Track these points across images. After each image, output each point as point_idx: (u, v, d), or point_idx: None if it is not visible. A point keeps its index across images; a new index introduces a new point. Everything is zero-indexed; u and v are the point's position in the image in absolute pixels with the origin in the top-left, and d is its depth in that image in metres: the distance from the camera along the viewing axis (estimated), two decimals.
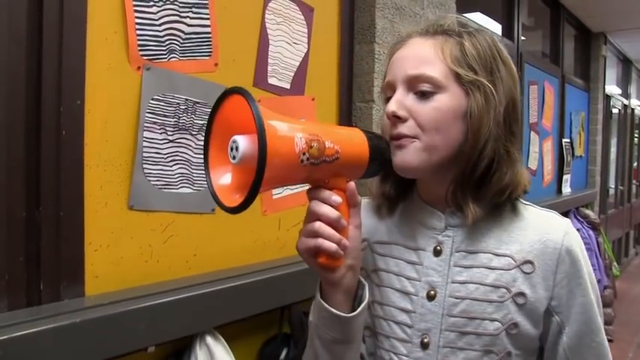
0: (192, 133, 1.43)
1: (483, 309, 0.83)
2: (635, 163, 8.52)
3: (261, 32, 1.64)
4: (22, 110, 1.13)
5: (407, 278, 0.89)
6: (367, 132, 0.82)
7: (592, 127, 5.61)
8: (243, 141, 0.66)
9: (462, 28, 0.86)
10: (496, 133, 0.82)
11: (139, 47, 1.31)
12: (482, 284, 0.84)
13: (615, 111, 7.01)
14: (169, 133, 1.38)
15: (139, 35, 1.31)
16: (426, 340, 0.85)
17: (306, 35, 1.80)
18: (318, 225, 0.76)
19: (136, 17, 1.30)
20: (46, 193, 1.15)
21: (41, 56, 1.14)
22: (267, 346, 1.62)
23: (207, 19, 1.46)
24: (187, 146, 1.42)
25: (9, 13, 1.10)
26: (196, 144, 1.44)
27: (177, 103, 1.39)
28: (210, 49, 1.48)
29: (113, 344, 1.14)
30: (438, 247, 0.88)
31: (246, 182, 0.66)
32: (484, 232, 0.87)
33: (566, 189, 4.71)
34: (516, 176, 0.85)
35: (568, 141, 4.78)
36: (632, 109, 8.05)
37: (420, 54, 0.84)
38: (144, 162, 1.32)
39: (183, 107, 1.40)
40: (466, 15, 3.28)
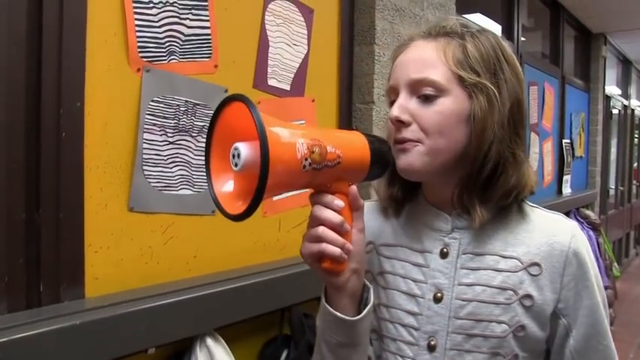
0: (193, 134, 1.43)
1: (490, 311, 0.83)
2: (635, 164, 8.52)
3: (260, 34, 1.64)
4: (22, 112, 1.13)
5: (413, 280, 0.89)
6: (368, 135, 0.82)
7: (592, 127, 5.61)
8: (244, 148, 0.66)
9: (465, 29, 0.86)
10: (500, 136, 0.82)
11: (139, 49, 1.31)
12: (489, 286, 0.83)
13: (615, 111, 7.01)
14: (169, 134, 1.38)
15: (138, 37, 1.31)
16: (432, 342, 0.85)
17: (306, 37, 1.80)
18: (321, 230, 0.75)
19: (136, 19, 1.30)
20: (46, 194, 1.15)
21: (41, 58, 1.14)
22: (267, 347, 1.62)
23: (207, 20, 1.46)
24: (187, 148, 1.42)
25: (9, 15, 1.10)
26: (196, 146, 1.44)
27: (177, 105, 1.39)
28: (210, 50, 1.48)
29: (113, 346, 1.14)
30: (445, 250, 0.87)
31: (249, 189, 0.65)
32: (491, 234, 0.86)
33: (567, 189, 4.71)
34: (522, 178, 0.84)
35: (568, 142, 4.78)
36: (632, 110, 8.06)
37: (422, 57, 0.84)
38: (144, 164, 1.32)
39: (183, 109, 1.40)
40: (466, 16, 3.28)
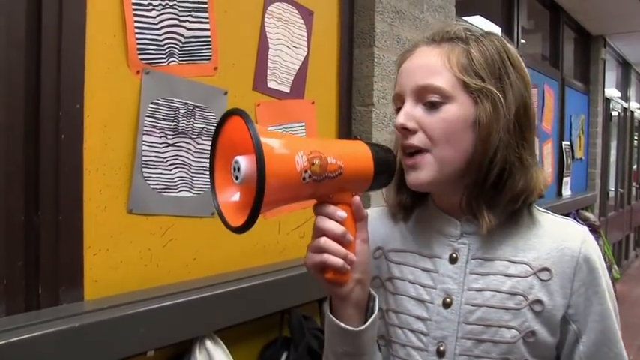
0: (192, 137, 1.43)
1: (500, 316, 0.82)
2: (634, 166, 8.52)
3: (260, 36, 1.64)
4: (21, 114, 1.13)
5: (422, 286, 0.88)
6: (372, 145, 0.82)
7: (592, 130, 5.62)
8: (244, 162, 0.67)
9: (469, 34, 0.85)
10: (506, 140, 0.81)
11: (139, 51, 1.31)
12: (498, 291, 0.83)
13: (615, 114, 7.02)
14: (169, 137, 1.37)
15: (138, 39, 1.31)
16: (442, 348, 0.84)
17: (306, 39, 1.81)
18: (323, 240, 0.76)
19: (136, 21, 1.30)
20: (45, 197, 1.15)
21: (40, 60, 1.14)
22: (266, 349, 1.62)
23: (207, 22, 1.46)
24: (187, 150, 1.42)
25: (8, 17, 1.10)
26: (196, 148, 1.44)
27: (177, 107, 1.39)
28: (210, 52, 1.48)
29: (112, 348, 1.14)
30: (454, 255, 0.87)
31: (249, 202, 0.66)
32: (500, 240, 0.86)
33: (566, 192, 4.71)
34: (530, 182, 0.83)
35: (568, 144, 4.79)
36: (632, 112, 8.06)
37: (427, 64, 0.84)
38: (143, 166, 1.32)
39: (183, 111, 1.40)
40: (465, 18, 3.29)
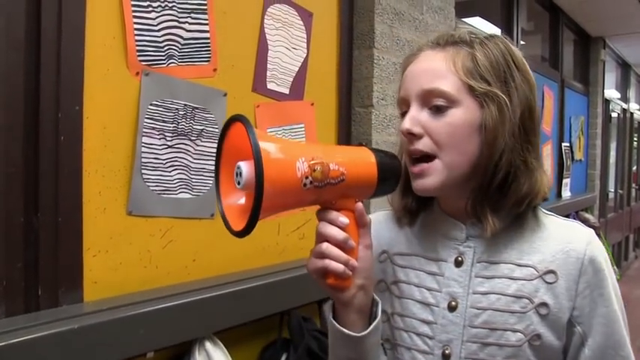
0: (191, 138, 1.43)
1: (505, 320, 0.82)
2: (634, 167, 8.53)
3: (260, 37, 1.64)
4: (21, 115, 1.13)
5: (427, 289, 0.88)
6: (377, 151, 0.82)
7: (591, 131, 5.62)
8: (245, 167, 0.68)
9: (473, 37, 0.85)
10: (511, 144, 0.81)
11: (138, 53, 1.31)
12: (503, 295, 0.83)
13: (614, 115, 7.01)
14: (168, 138, 1.38)
15: (137, 41, 1.31)
16: (447, 351, 0.84)
17: (305, 40, 1.81)
18: (325, 246, 0.76)
19: (135, 23, 1.30)
20: (45, 198, 1.15)
21: (39, 62, 1.14)
22: (266, 351, 1.62)
23: (206, 24, 1.46)
24: (186, 151, 1.42)
25: (7, 19, 1.10)
26: (195, 149, 1.44)
27: (176, 109, 1.39)
28: (209, 54, 1.48)
29: (112, 350, 1.14)
30: (460, 258, 0.87)
31: (250, 207, 0.67)
32: (505, 243, 0.85)
33: (566, 193, 4.71)
34: (535, 185, 0.83)
35: (568, 145, 4.78)
36: (632, 113, 8.06)
37: (432, 68, 0.83)
38: (143, 167, 1.32)
39: (182, 113, 1.40)
40: (465, 20, 3.29)
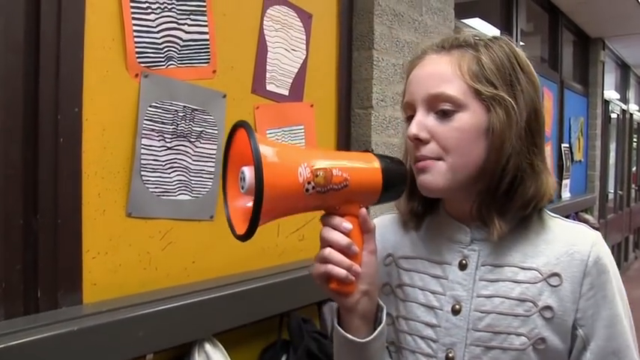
0: (191, 140, 1.43)
1: (509, 323, 0.81)
2: (634, 168, 8.53)
3: (259, 39, 1.64)
4: (20, 117, 1.13)
5: (432, 292, 0.88)
6: (383, 157, 0.81)
7: (591, 132, 5.62)
8: (248, 172, 0.69)
9: (477, 39, 0.85)
10: (518, 147, 0.81)
11: (137, 54, 1.31)
12: (507, 298, 0.82)
13: (614, 116, 7.02)
14: (167, 140, 1.37)
15: (136, 42, 1.31)
16: (451, 354, 0.84)
17: (305, 42, 1.81)
18: (328, 251, 0.76)
19: (134, 25, 1.30)
20: (44, 200, 1.15)
21: (39, 64, 1.14)
22: (266, 352, 1.62)
23: (206, 26, 1.46)
24: (186, 153, 1.42)
25: (6, 20, 1.10)
26: (194, 151, 1.44)
27: (176, 110, 1.39)
28: (209, 56, 1.48)
29: (111, 352, 1.14)
30: (464, 261, 0.87)
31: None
32: (510, 246, 0.85)
33: (566, 194, 4.71)
34: (541, 188, 0.83)
35: (567, 146, 4.79)
36: (631, 114, 8.07)
37: (437, 72, 0.83)
38: (142, 169, 1.32)
39: (182, 114, 1.40)
40: (464, 21, 3.29)
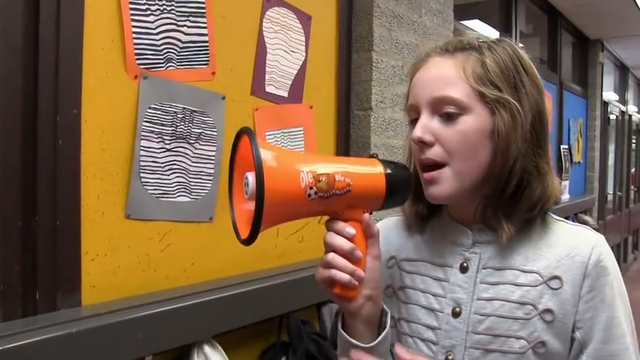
0: (190, 141, 1.43)
1: (508, 326, 0.81)
2: (633, 169, 8.54)
3: (258, 40, 1.64)
4: (19, 119, 1.13)
5: (433, 295, 0.88)
6: (387, 162, 0.81)
7: (590, 133, 5.63)
8: (252, 178, 0.70)
9: (481, 42, 0.85)
10: (524, 150, 0.81)
11: (136, 56, 1.31)
12: (507, 301, 0.82)
13: (613, 117, 7.03)
14: (167, 141, 1.37)
15: (136, 44, 1.31)
16: (450, 357, 0.84)
17: (304, 43, 1.81)
18: (331, 256, 0.77)
19: (133, 26, 1.30)
20: (43, 202, 1.15)
21: (37, 65, 1.14)
22: (265, 354, 1.62)
23: (205, 27, 1.46)
24: (185, 155, 1.42)
25: (5, 22, 1.10)
26: (194, 153, 1.44)
27: (175, 112, 1.39)
28: (208, 57, 1.48)
29: (110, 354, 1.14)
30: (465, 264, 0.87)
31: None
32: (512, 249, 0.85)
33: (565, 195, 4.71)
34: (547, 190, 0.83)
35: (566, 147, 4.79)
36: (630, 116, 8.07)
37: (441, 75, 0.83)
38: (141, 171, 1.32)
39: (181, 116, 1.40)
40: (464, 22, 3.29)
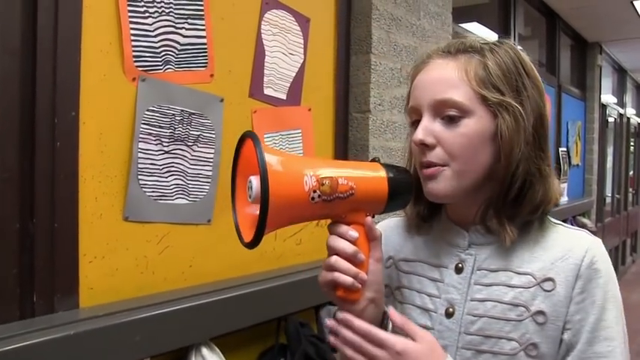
0: (188, 144, 1.43)
1: (500, 327, 0.81)
2: (631, 172, 8.54)
3: (257, 43, 1.64)
4: (17, 121, 1.13)
5: (428, 295, 0.89)
6: (389, 166, 0.82)
7: (588, 136, 5.63)
8: (255, 181, 0.70)
9: (483, 44, 0.85)
10: (527, 153, 0.81)
11: (135, 58, 1.31)
12: (500, 302, 0.82)
13: (611, 120, 7.03)
14: (165, 144, 1.37)
15: (134, 46, 1.31)
16: None
17: (302, 46, 1.81)
18: (334, 259, 0.77)
19: (132, 28, 1.30)
20: (40, 204, 1.15)
21: (36, 67, 1.14)
22: (263, 357, 1.61)
23: (203, 30, 1.47)
24: (183, 157, 1.42)
25: (3, 24, 1.10)
26: (192, 155, 1.44)
27: (173, 114, 1.39)
28: (206, 59, 1.48)
29: (108, 356, 1.13)
30: (460, 265, 0.87)
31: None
32: (508, 251, 0.85)
33: (563, 198, 4.72)
34: (548, 192, 0.83)
35: (565, 150, 4.79)
36: (628, 118, 8.08)
37: (444, 77, 0.83)
38: (139, 173, 1.32)
39: (179, 118, 1.40)
40: (462, 25, 3.30)
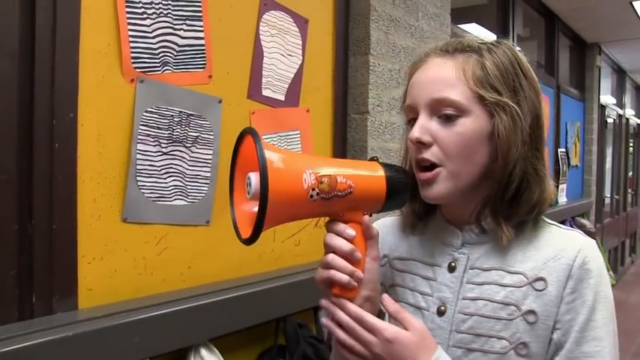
0: (186, 145, 1.43)
1: (491, 326, 0.82)
2: (630, 172, 8.55)
3: (255, 44, 1.64)
4: (15, 123, 1.13)
5: (420, 293, 0.89)
6: (387, 166, 0.82)
7: (587, 136, 5.63)
8: (254, 178, 0.71)
9: (481, 44, 0.85)
10: (524, 153, 0.82)
11: (133, 60, 1.31)
12: (491, 301, 0.82)
13: (610, 120, 7.04)
14: (163, 145, 1.38)
15: (132, 48, 1.31)
16: None
17: (301, 47, 1.81)
18: (331, 257, 0.78)
19: (130, 30, 1.30)
20: (39, 205, 1.15)
21: (34, 69, 1.14)
22: (262, 357, 1.61)
23: (201, 31, 1.47)
24: (181, 158, 1.42)
25: (0, 25, 1.11)
26: (190, 156, 1.44)
27: (171, 116, 1.39)
28: (204, 61, 1.48)
29: (107, 358, 1.14)
30: (453, 264, 0.87)
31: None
32: (501, 251, 0.85)
33: (562, 199, 4.72)
34: (544, 192, 0.84)
35: (564, 151, 4.80)
36: (627, 119, 8.08)
37: (441, 76, 0.83)
38: (137, 174, 1.32)
39: (177, 119, 1.40)
40: (461, 26, 3.30)
